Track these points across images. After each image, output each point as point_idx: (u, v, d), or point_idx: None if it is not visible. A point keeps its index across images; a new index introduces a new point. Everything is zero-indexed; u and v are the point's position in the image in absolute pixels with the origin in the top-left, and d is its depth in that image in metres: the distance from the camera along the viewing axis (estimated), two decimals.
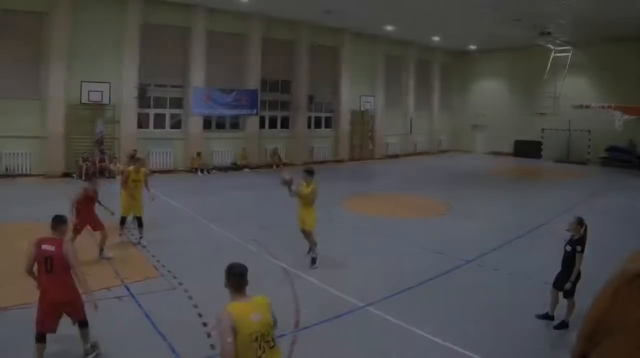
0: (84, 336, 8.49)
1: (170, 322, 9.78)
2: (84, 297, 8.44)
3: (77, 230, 13.52)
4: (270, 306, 6.03)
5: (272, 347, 5.83)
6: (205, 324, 9.71)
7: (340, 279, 12.58)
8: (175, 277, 12.42)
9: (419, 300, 11.47)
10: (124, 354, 8.73)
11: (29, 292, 8.56)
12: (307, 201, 13.67)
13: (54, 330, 8.15)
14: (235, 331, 5.51)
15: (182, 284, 11.98)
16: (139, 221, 15.87)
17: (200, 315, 10.20)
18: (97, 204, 14.44)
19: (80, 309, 8.45)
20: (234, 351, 5.46)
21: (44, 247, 8.13)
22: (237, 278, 6.12)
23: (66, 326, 8.40)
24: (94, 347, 8.57)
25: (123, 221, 15.89)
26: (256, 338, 5.65)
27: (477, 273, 13.68)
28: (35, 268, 8.18)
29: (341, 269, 13.62)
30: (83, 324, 8.48)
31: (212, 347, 8.66)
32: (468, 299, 11.58)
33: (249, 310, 5.78)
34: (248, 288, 6.15)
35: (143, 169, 16.07)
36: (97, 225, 13.96)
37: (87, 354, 8.46)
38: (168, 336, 9.22)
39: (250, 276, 6.19)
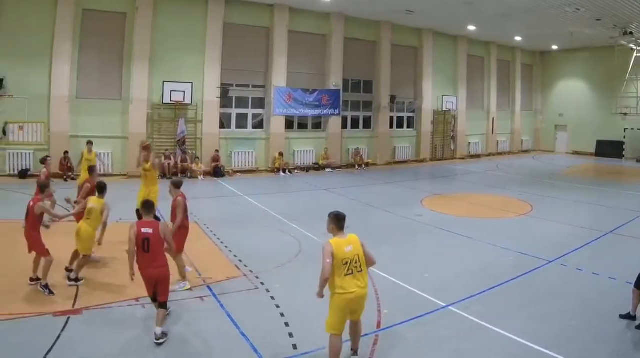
0: (160, 318, 8.59)
1: (252, 322, 9.36)
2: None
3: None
4: (362, 243, 7.90)
5: (360, 271, 7.61)
6: (287, 324, 9.31)
7: (422, 279, 11.97)
8: (257, 277, 11.85)
9: (501, 300, 10.87)
10: (207, 354, 8.34)
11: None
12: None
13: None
14: (333, 256, 7.43)
15: (264, 284, 11.42)
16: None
17: (282, 315, 9.75)
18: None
19: (166, 290, 8.79)
20: (331, 269, 7.38)
21: (143, 230, 8.59)
22: (339, 221, 8.04)
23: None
24: (165, 333, 8.56)
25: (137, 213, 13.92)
26: (346, 263, 7.52)
27: (560, 273, 12.91)
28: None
29: (422, 269, 12.85)
30: (163, 305, 8.70)
31: (294, 347, 8.43)
32: (551, 299, 10.94)
33: (344, 244, 7.68)
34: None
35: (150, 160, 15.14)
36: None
37: (157, 338, 8.41)
38: (250, 336, 8.79)
39: None
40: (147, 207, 9.06)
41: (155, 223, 8.72)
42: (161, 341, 8.41)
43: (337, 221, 8.00)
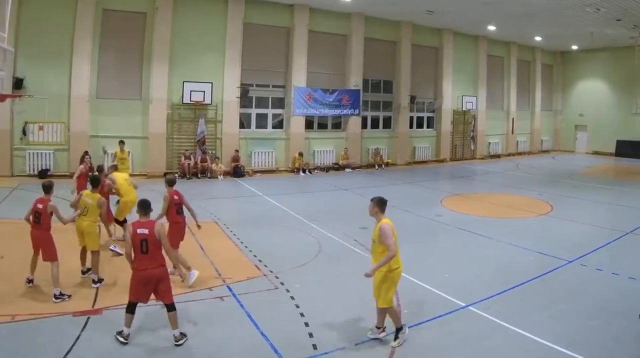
0: (173, 321, 8.33)
1: (272, 322, 9.14)
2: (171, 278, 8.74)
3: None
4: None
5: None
6: (307, 324, 9.07)
7: (442, 279, 11.67)
8: (277, 277, 11.57)
9: (521, 300, 10.60)
10: (227, 354, 8.11)
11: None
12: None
13: (145, 301, 8.41)
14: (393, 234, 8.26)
15: (284, 284, 11.13)
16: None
17: (302, 315, 9.51)
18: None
19: (168, 290, 8.42)
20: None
21: (139, 231, 8.29)
22: (383, 204, 8.58)
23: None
24: (183, 334, 8.38)
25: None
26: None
27: (580, 273, 12.60)
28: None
29: (442, 269, 12.55)
30: (171, 308, 8.34)
31: (314, 347, 8.23)
32: (571, 299, 10.68)
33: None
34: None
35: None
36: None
37: (176, 340, 8.26)
38: (270, 336, 8.57)
39: (351, 274, 8.65)
40: (144, 207, 8.69)
41: (150, 224, 8.44)
42: (181, 342, 8.26)
43: (382, 204, 8.57)
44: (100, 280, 10.75)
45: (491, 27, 36.33)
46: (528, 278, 11.80)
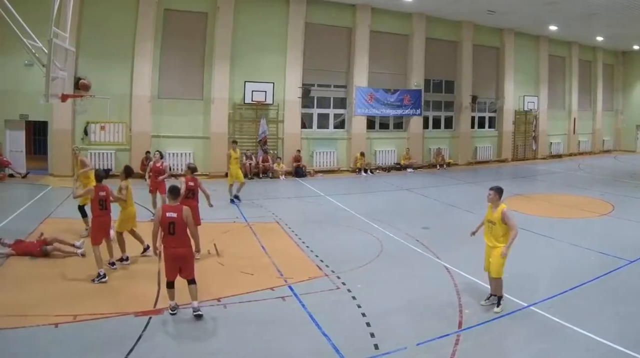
0: (193, 293, 8.49)
1: (333, 322, 8.47)
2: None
3: None
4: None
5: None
6: (368, 324, 8.39)
7: (503, 279, 9.57)
8: (338, 277, 10.74)
9: (583, 300, 9.76)
10: (288, 355, 7.48)
11: None
12: None
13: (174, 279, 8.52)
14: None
15: (346, 284, 10.32)
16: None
17: (363, 315, 8.77)
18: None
19: (191, 268, 8.61)
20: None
21: (168, 214, 8.39)
22: (502, 193, 9.14)
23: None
24: (198, 308, 8.42)
25: None
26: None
27: None
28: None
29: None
30: (192, 281, 8.55)
31: (376, 347, 7.61)
32: (632, 299, 9.74)
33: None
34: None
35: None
36: None
37: (194, 311, 8.40)
38: (331, 336, 7.95)
39: (413, 274, 8.65)
40: (173, 192, 8.79)
41: (179, 208, 8.53)
42: (200, 313, 8.41)
43: (501, 192, 9.13)
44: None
45: (552, 27, 32.91)
46: (589, 278, 10.92)
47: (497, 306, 9.04)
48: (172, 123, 23.71)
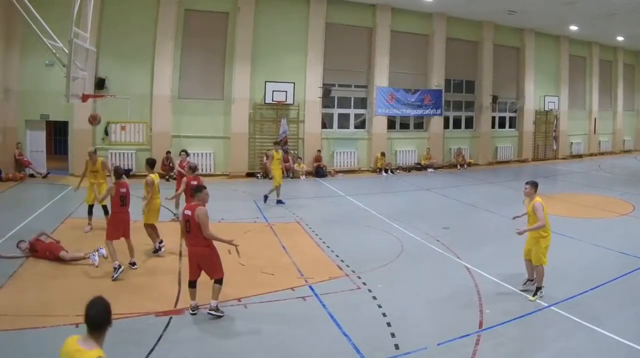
0: (215, 292, 8.27)
1: (354, 322, 8.25)
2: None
3: None
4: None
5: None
6: (389, 324, 8.17)
7: (523, 279, 10.05)
8: (359, 277, 10.45)
9: (604, 299, 9.47)
10: (309, 354, 7.34)
11: None
12: None
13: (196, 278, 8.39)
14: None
15: (366, 284, 10.05)
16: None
17: (384, 315, 8.53)
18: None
19: (213, 268, 8.35)
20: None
21: (185, 212, 8.32)
22: (537, 186, 9.60)
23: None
24: (218, 308, 8.27)
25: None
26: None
27: None
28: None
29: (524, 269, 10.37)
30: (218, 281, 8.32)
31: (396, 347, 7.38)
32: None
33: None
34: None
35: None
36: None
37: (210, 309, 8.21)
38: (352, 336, 7.74)
39: (434, 274, 8.20)
40: (196, 191, 8.68)
41: (194, 207, 8.28)
42: (214, 313, 8.19)
43: (536, 186, 9.58)
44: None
45: (573, 27, 31.73)
46: (610, 278, 10.66)
47: (533, 295, 9.26)
48: (193, 123, 23.05)
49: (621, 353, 7.42)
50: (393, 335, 7.80)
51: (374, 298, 9.38)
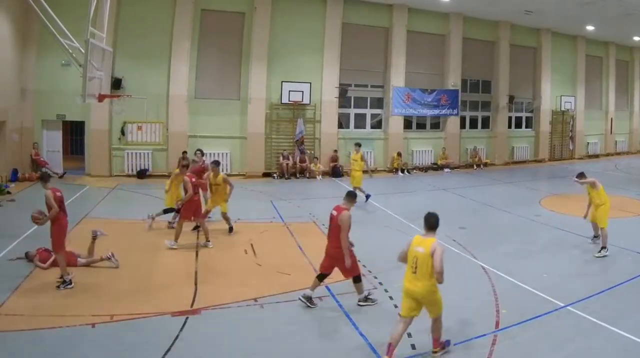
0: (357, 289, 8.73)
1: (370, 322, 8.10)
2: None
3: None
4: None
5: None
6: None
7: (539, 279, 10.20)
8: (375, 277, 10.27)
9: (620, 299, 9.26)
10: (326, 354, 7.19)
11: None
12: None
13: (328, 273, 8.83)
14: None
15: (383, 284, 9.89)
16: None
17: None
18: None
19: (344, 269, 8.61)
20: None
21: (332, 211, 8.60)
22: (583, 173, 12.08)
23: None
24: (367, 298, 8.75)
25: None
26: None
27: None
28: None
29: (541, 269, 10.91)
30: (356, 279, 8.68)
31: (413, 347, 7.30)
32: None
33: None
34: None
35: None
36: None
37: (359, 301, 8.69)
38: (368, 336, 7.59)
39: (450, 274, 7.13)
40: (348, 196, 8.90)
41: (341, 209, 8.56)
42: (362, 304, 8.64)
43: (583, 174, 12.97)
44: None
45: (589, 27, 30.77)
46: (626, 278, 10.44)
47: (599, 252, 11.36)
48: (209, 123, 22.54)
49: (638, 353, 7.29)
50: (409, 335, 7.55)
51: (391, 298, 9.19)
